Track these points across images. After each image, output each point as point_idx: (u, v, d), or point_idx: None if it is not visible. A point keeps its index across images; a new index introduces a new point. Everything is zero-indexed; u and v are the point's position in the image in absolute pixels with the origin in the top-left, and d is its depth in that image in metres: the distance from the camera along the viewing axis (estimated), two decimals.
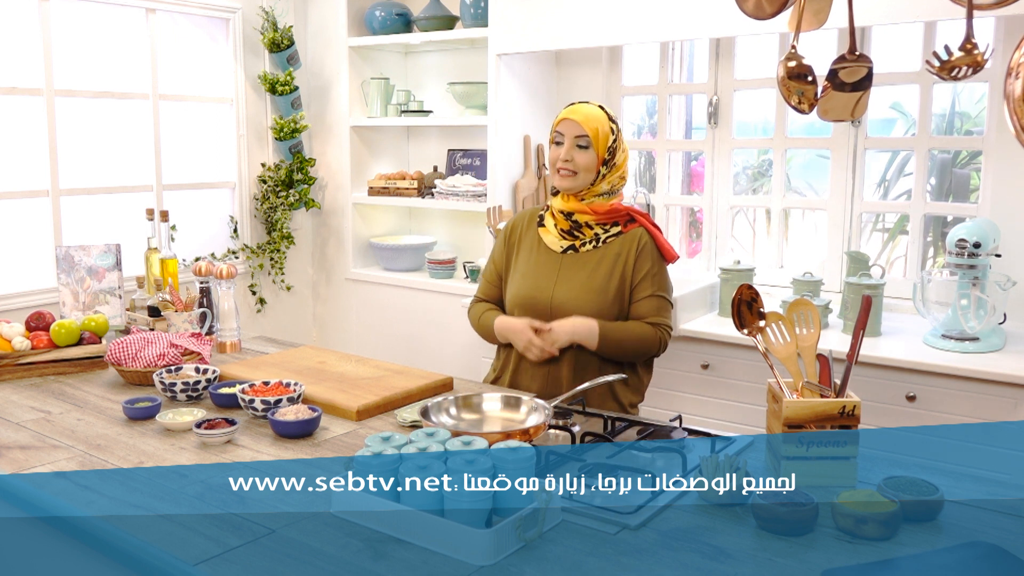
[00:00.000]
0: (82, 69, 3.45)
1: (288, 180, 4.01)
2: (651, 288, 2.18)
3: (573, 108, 2.19)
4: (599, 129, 2.15)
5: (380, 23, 3.84)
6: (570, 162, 2.15)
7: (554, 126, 2.20)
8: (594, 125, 2.14)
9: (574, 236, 2.21)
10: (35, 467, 1.65)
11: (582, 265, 2.20)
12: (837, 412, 1.52)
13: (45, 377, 2.27)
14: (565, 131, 2.16)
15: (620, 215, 2.21)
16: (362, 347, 4.03)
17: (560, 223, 2.23)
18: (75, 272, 2.69)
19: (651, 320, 2.18)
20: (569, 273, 2.20)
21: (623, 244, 2.19)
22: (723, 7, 2.82)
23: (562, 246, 2.22)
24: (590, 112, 2.16)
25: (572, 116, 2.16)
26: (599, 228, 2.21)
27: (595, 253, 2.20)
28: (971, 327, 2.61)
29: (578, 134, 2.14)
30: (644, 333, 2.16)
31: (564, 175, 2.16)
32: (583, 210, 2.19)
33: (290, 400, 1.91)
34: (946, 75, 1.39)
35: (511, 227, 2.35)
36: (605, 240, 2.20)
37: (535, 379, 2.22)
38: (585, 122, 2.14)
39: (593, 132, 2.14)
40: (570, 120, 2.15)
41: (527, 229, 2.32)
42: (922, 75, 3.02)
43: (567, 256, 2.22)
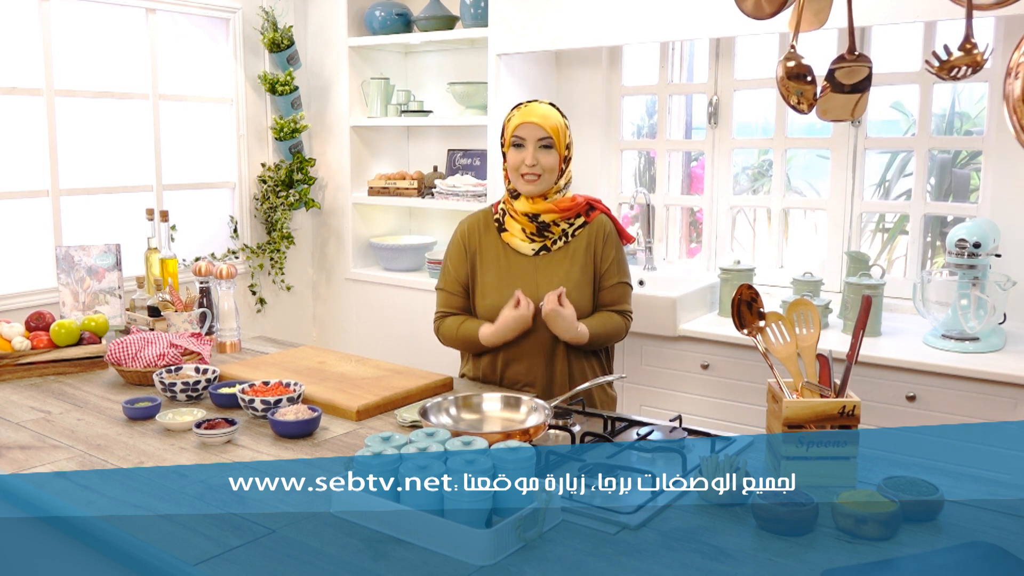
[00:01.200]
0: (82, 69, 3.45)
1: (288, 180, 4.01)
2: (617, 275, 2.22)
3: (529, 109, 2.15)
4: (558, 128, 2.14)
5: (380, 23, 3.84)
6: (536, 165, 2.12)
7: (511, 129, 2.15)
8: (554, 124, 2.13)
9: (543, 236, 2.20)
10: (35, 467, 1.65)
11: (558, 263, 2.19)
12: (837, 412, 1.52)
13: (45, 377, 2.27)
14: (526, 135, 2.12)
15: (581, 207, 2.22)
16: (362, 347, 4.03)
17: (526, 226, 2.20)
18: (75, 272, 2.69)
19: (617, 308, 2.22)
20: (547, 274, 2.18)
21: (590, 234, 2.21)
22: (723, 7, 2.82)
23: (533, 248, 2.20)
24: (547, 112, 2.15)
25: (531, 119, 2.12)
26: (565, 224, 2.20)
27: (567, 249, 2.20)
28: (971, 327, 2.61)
29: (541, 136, 2.12)
30: (617, 325, 2.21)
31: (530, 179, 2.14)
32: (549, 209, 2.17)
33: (290, 400, 1.91)
34: (946, 75, 1.39)
35: (466, 235, 2.28)
36: (573, 234, 2.21)
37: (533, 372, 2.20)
38: (546, 123, 2.12)
39: (554, 131, 2.12)
40: (530, 123, 2.12)
41: (485, 234, 2.26)
42: (922, 75, 3.02)
43: (540, 258, 2.20)
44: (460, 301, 2.28)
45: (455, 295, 2.28)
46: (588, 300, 2.19)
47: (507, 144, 2.17)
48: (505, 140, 2.18)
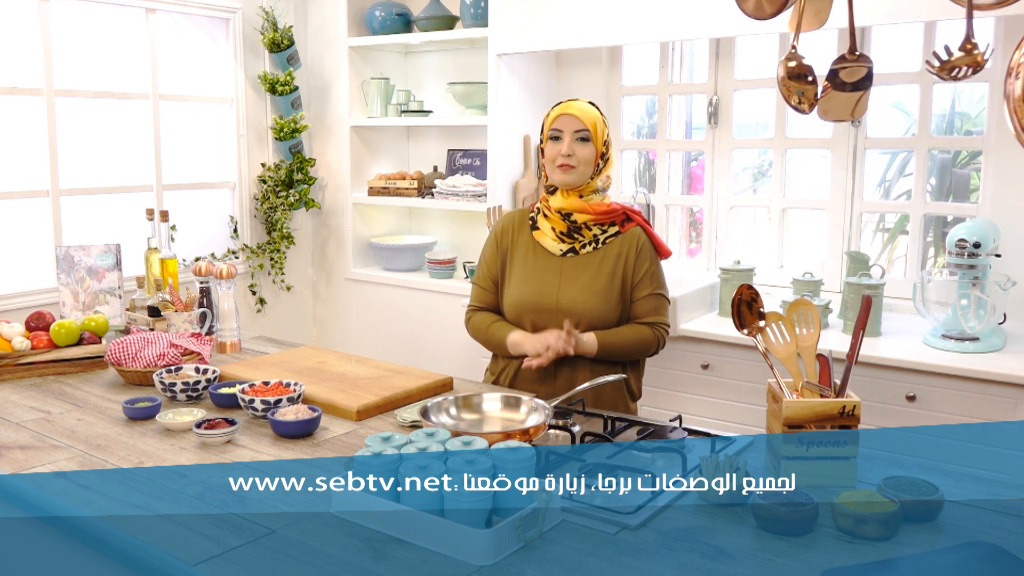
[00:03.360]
0: (82, 69, 3.45)
1: (288, 180, 4.01)
2: (650, 287, 2.20)
3: (568, 104, 2.19)
4: (596, 123, 2.17)
5: (380, 23, 3.84)
6: (572, 156, 2.15)
7: (549, 123, 2.19)
8: (591, 118, 2.16)
9: (573, 238, 2.21)
10: (35, 467, 1.65)
11: (584, 267, 2.19)
12: (837, 412, 1.52)
13: (45, 377, 2.27)
14: (563, 127, 2.16)
15: (617, 215, 2.22)
16: (362, 347, 4.03)
17: (558, 225, 2.22)
18: (75, 272, 2.69)
19: (650, 319, 2.20)
20: (572, 276, 2.19)
21: (622, 244, 2.20)
22: (723, 7, 2.82)
23: (561, 249, 2.21)
24: (585, 107, 2.18)
25: (570, 111, 2.16)
26: (597, 229, 2.21)
27: (596, 255, 2.20)
28: (971, 327, 2.61)
29: (577, 128, 2.15)
30: (643, 337, 2.19)
31: (565, 169, 2.16)
32: (582, 208, 2.19)
33: (290, 400, 1.91)
34: (946, 75, 1.39)
35: (500, 231, 2.32)
36: (604, 241, 2.20)
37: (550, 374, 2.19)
38: (583, 116, 2.15)
39: (592, 125, 2.15)
40: (568, 115, 2.16)
41: (519, 232, 2.30)
42: (922, 75, 3.02)
43: (567, 259, 2.21)
44: (491, 297, 2.33)
45: (487, 290, 2.33)
46: (611, 310, 2.18)
47: (545, 139, 2.20)
48: (544, 136, 2.21)
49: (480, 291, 2.35)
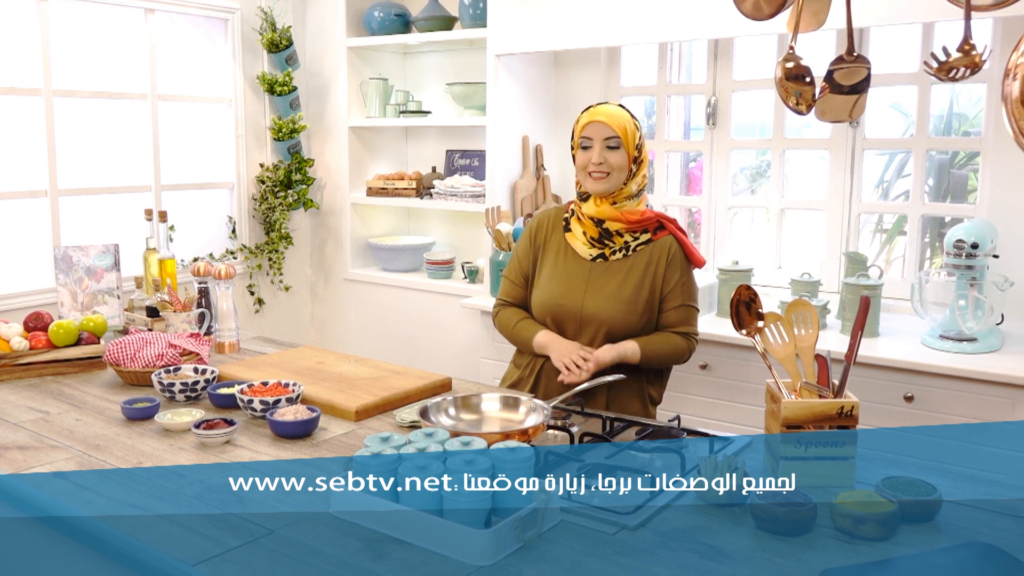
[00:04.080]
0: (80, 69, 3.45)
1: (286, 180, 4.01)
2: (680, 298, 2.19)
3: (596, 110, 2.14)
4: (626, 127, 2.12)
5: (379, 23, 3.84)
6: (603, 164, 2.11)
7: (579, 131, 2.15)
8: (621, 123, 2.12)
9: (604, 244, 2.18)
10: (34, 467, 1.65)
11: (612, 274, 2.17)
12: (835, 412, 1.52)
13: (43, 377, 2.27)
14: (593, 134, 2.12)
15: (650, 222, 2.18)
16: (360, 347, 4.03)
17: (590, 230, 2.19)
18: (73, 272, 2.68)
19: (680, 329, 2.19)
20: (599, 282, 2.17)
21: (653, 253, 2.17)
22: (721, 8, 2.82)
23: (591, 254, 2.19)
24: (614, 112, 2.13)
25: (599, 118, 2.12)
26: (629, 236, 2.18)
27: (625, 262, 2.18)
28: (969, 328, 2.61)
29: (607, 135, 2.11)
30: (677, 346, 2.19)
31: (597, 177, 2.12)
32: (615, 217, 2.15)
33: (289, 400, 1.91)
34: (944, 76, 1.39)
35: (536, 227, 2.31)
36: (635, 248, 2.18)
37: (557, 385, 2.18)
38: (613, 122, 2.11)
39: (622, 131, 2.11)
40: (597, 122, 2.11)
41: (552, 231, 2.28)
42: (920, 76, 3.02)
43: (596, 264, 2.19)
44: (520, 292, 2.32)
45: (517, 285, 2.32)
46: (635, 319, 2.16)
47: (576, 146, 2.17)
48: (574, 143, 2.17)
49: (510, 285, 2.33)
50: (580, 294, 2.17)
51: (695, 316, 2.23)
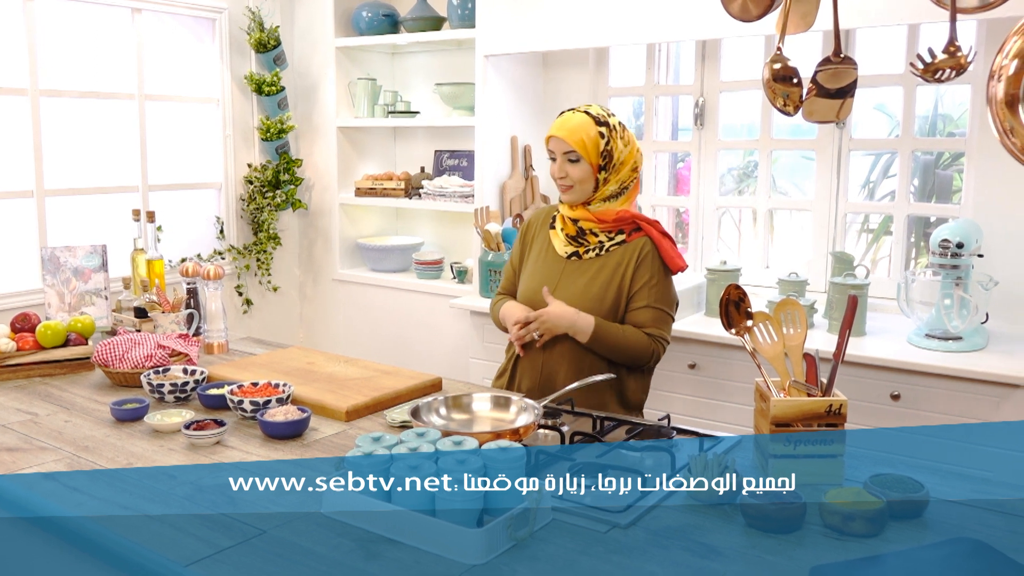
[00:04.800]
0: (67, 69, 3.43)
1: (275, 181, 4.00)
2: (648, 299, 2.17)
3: (559, 123, 2.18)
4: (584, 140, 2.13)
5: (367, 24, 3.84)
6: (566, 177, 2.17)
7: (545, 142, 2.22)
8: (579, 137, 2.13)
9: (579, 243, 2.22)
10: (23, 469, 1.65)
11: (583, 272, 2.21)
12: (824, 411, 1.53)
13: (31, 379, 2.25)
14: (555, 148, 2.18)
15: (626, 223, 2.20)
16: (349, 348, 4.02)
17: (568, 229, 2.24)
18: (61, 273, 2.67)
19: (648, 330, 2.17)
20: (570, 279, 2.21)
21: (625, 253, 2.19)
22: (709, 9, 2.83)
23: (567, 251, 2.24)
24: (574, 125, 2.15)
25: (557, 133, 2.16)
26: (604, 236, 2.20)
27: (597, 260, 2.20)
28: (954, 326, 2.64)
29: (566, 150, 2.15)
30: (639, 342, 2.15)
31: (563, 189, 2.20)
32: (589, 218, 2.19)
33: (279, 401, 1.91)
34: (930, 77, 1.41)
35: (528, 225, 2.40)
36: (608, 248, 2.20)
37: (531, 375, 2.23)
38: (569, 137, 2.14)
39: (579, 144, 2.13)
40: (556, 137, 2.17)
41: (540, 229, 2.36)
42: (905, 77, 3.05)
43: (570, 262, 2.23)
44: (511, 285, 2.41)
45: (508, 279, 2.42)
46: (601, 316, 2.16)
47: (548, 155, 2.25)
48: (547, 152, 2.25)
49: (505, 279, 2.43)
50: (552, 289, 2.22)
51: (665, 320, 2.20)
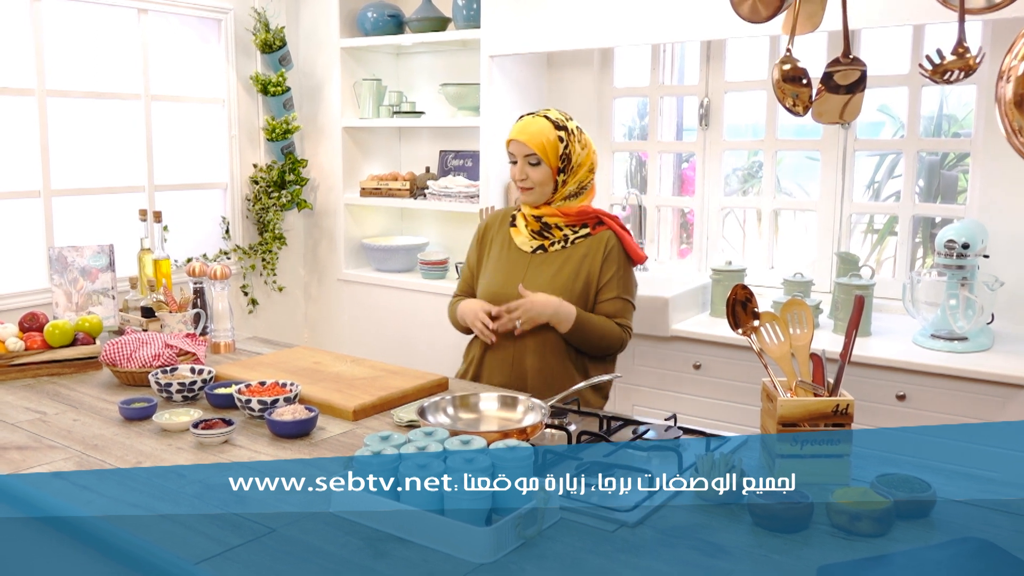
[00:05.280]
0: (74, 69, 3.44)
1: (280, 181, 4.01)
2: (616, 290, 2.26)
3: (519, 127, 2.26)
4: (544, 143, 2.22)
5: (372, 24, 3.85)
6: (526, 179, 2.25)
7: (506, 145, 2.28)
8: (539, 141, 2.21)
9: (544, 236, 2.30)
10: (32, 467, 1.65)
11: (549, 264, 2.28)
12: (831, 410, 1.54)
13: (39, 378, 2.26)
14: (515, 151, 2.26)
15: (589, 217, 2.29)
16: (354, 348, 4.03)
17: (531, 224, 2.32)
18: (68, 273, 2.68)
19: (618, 321, 2.26)
20: (537, 271, 2.28)
21: (591, 245, 2.27)
22: (714, 10, 2.84)
23: (532, 246, 2.31)
24: (535, 129, 2.23)
25: (518, 137, 2.24)
26: (568, 230, 2.28)
27: (563, 253, 2.28)
28: (960, 327, 2.64)
29: (527, 153, 2.23)
30: (612, 331, 2.24)
31: (524, 190, 2.27)
32: (553, 213, 2.28)
33: (287, 400, 1.92)
34: (939, 78, 1.41)
35: (485, 227, 2.45)
36: (574, 240, 2.28)
37: (500, 370, 2.28)
38: (530, 141, 2.22)
39: (539, 148, 2.21)
40: (516, 141, 2.24)
41: (499, 228, 2.41)
42: (910, 78, 3.05)
43: (536, 255, 2.30)
44: (469, 288, 2.46)
45: (466, 282, 2.48)
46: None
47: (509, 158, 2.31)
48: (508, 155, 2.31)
49: (462, 282, 2.49)
50: (520, 282, 2.27)
51: (630, 310, 2.30)
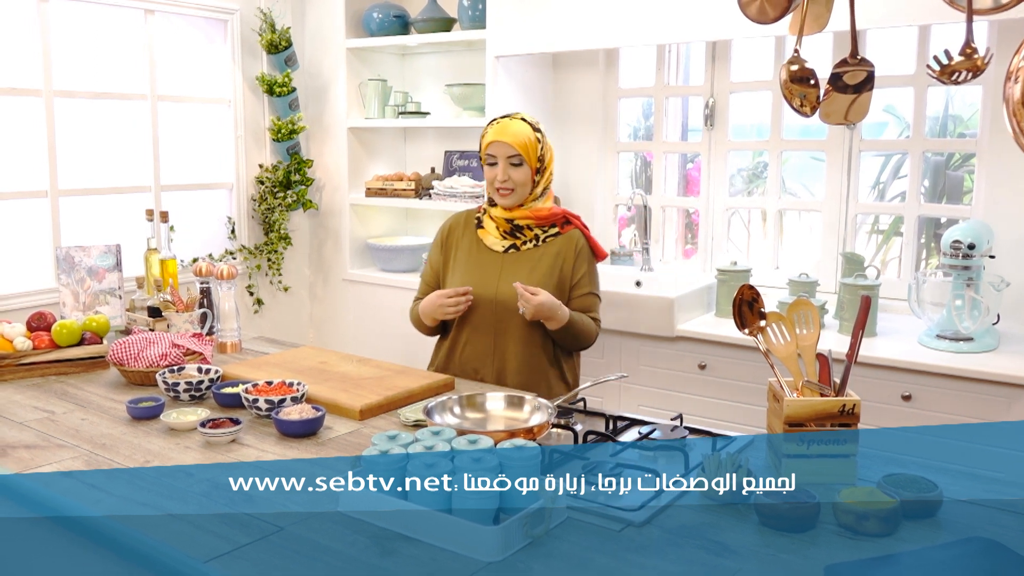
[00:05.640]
0: (81, 70, 3.45)
1: (286, 181, 4.02)
2: (588, 287, 2.33)
3: (500, 129, 2.27)
4: (527, 144, 2.25)
5: (378, 25, 3.86)
6: (508, 181, 2.26)
7: (484, 147, 2.28)
8: (521, 141, 2.24)
9: (515, 236, 2.33)
10: (41, 466, 1.66)
11: (524, 262, 2.31)
12: (837, 410, 1.54)
13: (47, 377, 2.27)
14: (497, 152, 2.26)
15: (557, 218, 2.34)
16: (359, 348, 4.03)
17: (502, 226, 2.34)
18: (75, 273, 2.69)
19: (590, 315, 2.33)
20: (512, 269, 2.31)
21: (562, 245, 2.32)
22: (719, 10, 2.85)
23: (504, 246, 2.34)
24: (516, 129, 2.26)
25: (502, 138, 2.25)
26: (538, 230, 2.33)
27: (536, 251, 2.32)
28: (965, 327, 2.64)
29: (510, 154, 2.25)
30: (591, 327, 2.32)
31: (504, 194, 2.28)
32: (525, 216, 2.31)
33: (294, 400, 1.92)
34: (947, 79, 1.41)
35: (447, 230, 2.44)
36: (545, 240, 2.33)
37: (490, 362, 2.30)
38: (514, 141, 2.24)
39: (523, 148, 2.24)
40: (500, 142, 2.25)
41: (464, 230, 2.41)
42: (916, 78, 3.05)
43: (509, 255, 2.33)
44: (432, 290, 2.44)
45: (428, 286, 2.47)
46: None
47: (483, 159, 2.31)
48: (482, 155, 2.31)
49: (424, 286, 2.49)
50: (494, 282, 2.30)
51: (598, 305, 2.38)
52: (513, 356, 2.28)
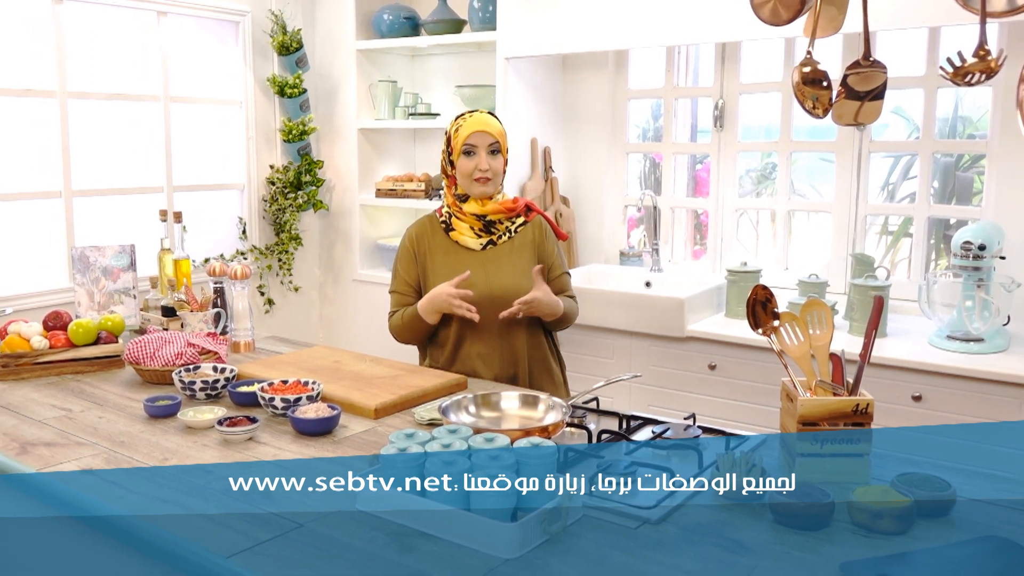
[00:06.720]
0: (94, 71, 3.48)
1: (296, 182, 4.04)
2: (561, 267, 2.44)
3: (478, 120, 2.30)
4: (502, 132, 2.34)
5: (388, 26, 3.87)
6: (488, 170, 2.30)
7: (463, 139, 2.29)
8: (499, 129, 2.33)
9: (490, 232, 2.37)
10: (61, 463, 1.68)
11: (506, 255, 2.36)
12: (851, 410, 1.55)
13: (63, 376, 2.29)
14: (477, 142, 2.29)
15: (521, 208, 2.41)
16: (368, 347, 4.04)
17: (474, 224, 2.37)
18: (90, 272, 2.71)
19: (568, 294, 2.43)
20: (496, 264, 2.35)
21: (533, 231, 2.41)
22: (729, 11, 2.86)
23: (481, 243, 2.37)
24: (491, 119, 2.34)
25: (483, 128, 2.29)
26: (508, 222, 2.39)
27: (512, 243, 2.38)
28: (976, 328, 2.65)
29: (490, 143, 2.30)
30: (574, 308, 2.44)
31: (483, 182, 2.31)
32: (498, 210, 2.35)
33: (309, 399, 1.94)
34: (960, 81, 1.42)
35: (415, 239, 2.41)
36: (516, 230, 2.40)
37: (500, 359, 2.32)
38: (493, 129, 2.31)
39: (501, 136, 2.32)
40: (481, 132, 2.29)
41: (432, 237, 2.40)
42: (926, 79, 3.05)
43: (488, 251, 2.37)
44: (410, 301, 2.41)
45: (406, 295, 2.42)
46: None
47: (457, 153, 2.32)
48: (455, 149, 2.32)
49: (399, 297, 2.42)
50: (483, 278, 2.32)
51: (570, 280, 2.49)
52: (521, 346, 2.34)
